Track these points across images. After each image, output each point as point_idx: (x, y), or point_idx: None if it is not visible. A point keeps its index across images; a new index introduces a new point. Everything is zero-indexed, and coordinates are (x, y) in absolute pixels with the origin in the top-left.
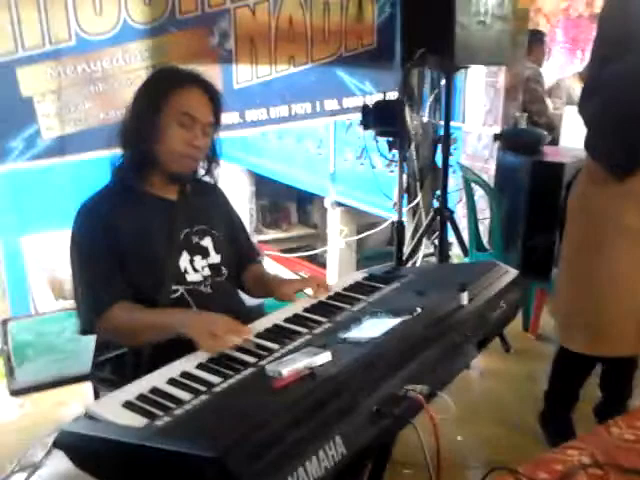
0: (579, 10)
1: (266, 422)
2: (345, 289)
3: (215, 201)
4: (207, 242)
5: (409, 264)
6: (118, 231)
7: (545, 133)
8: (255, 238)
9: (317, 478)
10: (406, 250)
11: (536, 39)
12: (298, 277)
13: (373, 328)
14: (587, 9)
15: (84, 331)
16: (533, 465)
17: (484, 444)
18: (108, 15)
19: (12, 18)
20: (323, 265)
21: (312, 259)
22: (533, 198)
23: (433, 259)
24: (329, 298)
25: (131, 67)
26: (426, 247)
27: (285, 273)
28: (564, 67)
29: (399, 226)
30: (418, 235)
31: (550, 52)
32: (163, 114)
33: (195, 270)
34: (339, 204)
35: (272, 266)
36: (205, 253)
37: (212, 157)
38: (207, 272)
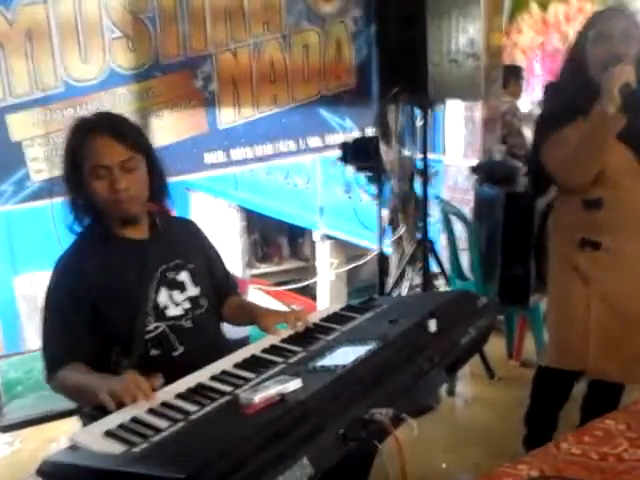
0: (554, 45)
1: (236, 445)
2: (322, 319)
3: (189, 234)
4: (184, 276)
5: (394, 294)
6: (90, 280)
7: (520, 165)
8: (247, 272)
9: None
10: (391, 281)
11: (512, 73)
12: (281, 309)
13: (344, 356)
14: (563, 43)
15: (49, 379)
16: (485, 479)
17: (468, 471)
18: (94, 62)
19: (1, 67)
20: (314, 297)
21: (304, 291)
22: (508, 228)
23: (419, 290)
24: (306, 329)
25: (118, 111)
26: (414, 278)
27: (277, 305)
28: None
29: (380, 258)
30: (402, 266)
31: (529, 85)
32: (83, 170)
33: (175, 304)
34: (328, 237)
35: (264, 299)
36: (183, 287)
37: (156, 183)
38: (187, 305)
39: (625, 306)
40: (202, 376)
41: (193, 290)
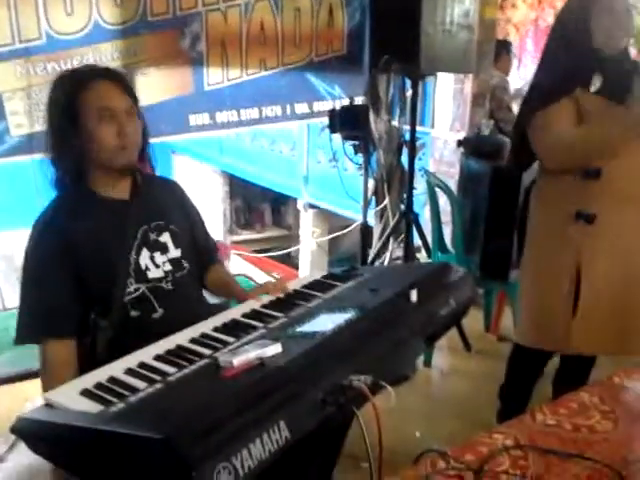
0: (548, 21)
1: (213, 407)
2: (304, 286)
3: (172, 196)
4: (166, 237)
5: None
6: (77, 247)
7: (507, 140)
8: (229, 239)
9: (261, 461)
10: (373, 252)
11: (503, 49)
12: (261, 276)
13: (325, 322)
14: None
15: (17, 343)
16: (461, 448)
17: (442, 440)
18: (79, 15)
19: None
20: (296, 266)
21: (285, 260)
22: (493, 203)
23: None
24: (287, 295)
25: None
26: (396, 250)
27: (257, 273)
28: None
29: (364, 229)
30: (384, 237)
31: (520, 61)
32: (81, 117)
33: (156, 266)
34: (312, 206)
35: (244, 267)
36: (164, 249)
37: (144, 140)
38: (168, 267)
39: (618, 279)
40: (181, 338)
41: (175, 252)
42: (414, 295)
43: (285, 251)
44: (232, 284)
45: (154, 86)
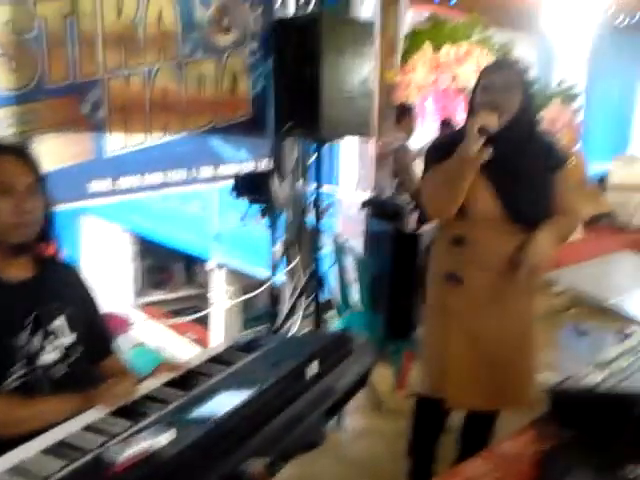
0: (446, 83)
1: None
2: (207, 360)
3: (70, 280)
4: (61, 321)
5: (288, 324)
6: None
7: (408, 202)
8: (140, 300)
9: None
10: (284, 312)
11: (405, 111)
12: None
13: (224, 403)
14: (453, 83)
15: None
16: None
17: None
18: None
19: None
20: (208, 325)
21: (199, 320)
22: (395, 263)
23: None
24: (189, 371)
25: None
26: (306, 308)
27: (170, 336)
28: (436, 134)
29: (273, 290)
30: (294, 297)
31: (422, 121)
32: None
33: (49, 350)
34: (223, 265)
35: (157, 329)
36: (59, 333)
37: (47, 218)
38: (62, 352)
39: (483, 338)
40: (73, 425)
41: (69, 337)
42: (314, 368)
43: (197, 315)
44: (126, 373)
45: (53, 153)
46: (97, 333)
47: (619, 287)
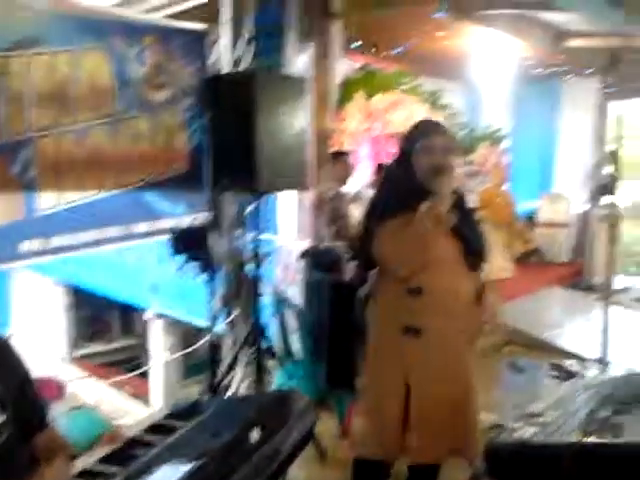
0: (378, 130)
1: None
2: (144, 430)
3: None
4: None
5: (230, 374)
6: None
7: (345, 251)
8: (75, 352)
9: None
10: (225, 364)
11: (339, 159)
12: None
13: (165, 476)
14: (384, 130)
15: None
16: None
17: None
18: None
19: None
20: (147, 377)
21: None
22: (333, 314)
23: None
24: (127, 444)
25: None
26: (248, 360)
27: (107, 391)
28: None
29: (212, 344)
30: (235, 349)
31: (356, 167)
32: None
33: None
34: (161, 315)
35: (93, 385)
36: None
37: None
38: None
39: (445, 391)
40: None
41: None
42: (255, 434)
43: (140, 370)
44: (62, 447)
45: None
46: (29, 409)
47: (551, 321)
